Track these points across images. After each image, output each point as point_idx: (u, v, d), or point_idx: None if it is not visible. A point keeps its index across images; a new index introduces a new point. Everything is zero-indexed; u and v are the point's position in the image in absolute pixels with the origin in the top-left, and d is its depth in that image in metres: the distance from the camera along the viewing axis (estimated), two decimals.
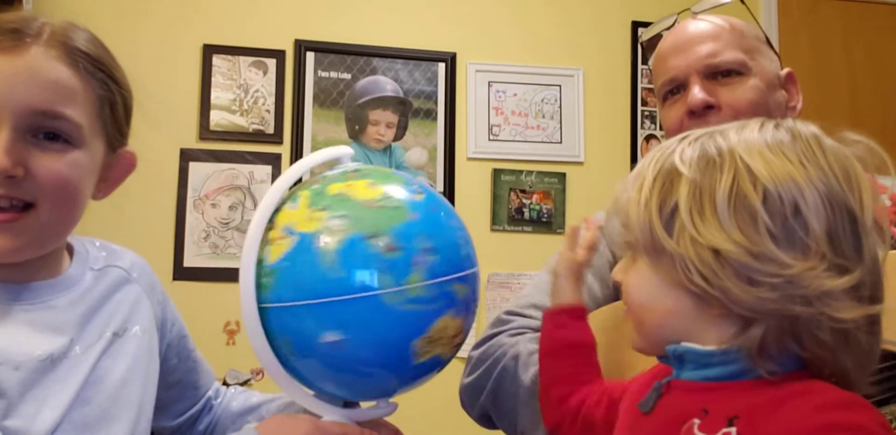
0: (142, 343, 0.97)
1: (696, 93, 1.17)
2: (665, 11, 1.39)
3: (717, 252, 0.68)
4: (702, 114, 1.17)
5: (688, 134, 0.77)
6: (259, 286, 0.85)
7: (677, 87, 1.22)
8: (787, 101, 1.24)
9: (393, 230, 0.84)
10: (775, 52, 1.27)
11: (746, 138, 0.72)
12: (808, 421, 0.64)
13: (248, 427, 0.91)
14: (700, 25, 1.23)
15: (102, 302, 0.95)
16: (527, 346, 1.12)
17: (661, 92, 1.26)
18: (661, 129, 3.15)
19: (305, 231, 0.85)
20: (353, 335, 0.83)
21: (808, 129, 0.73)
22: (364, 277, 0.82)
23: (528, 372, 1.08)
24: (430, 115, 3.00)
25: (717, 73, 1.19)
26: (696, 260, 0.69)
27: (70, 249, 0.97)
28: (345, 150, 0.98)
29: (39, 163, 0.84)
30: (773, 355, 0.69)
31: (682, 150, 0.74)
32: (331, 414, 0.90)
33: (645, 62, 3.12)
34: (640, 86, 3.16)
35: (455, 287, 0.87)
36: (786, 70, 1.26)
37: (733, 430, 0.67)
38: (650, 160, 0.76)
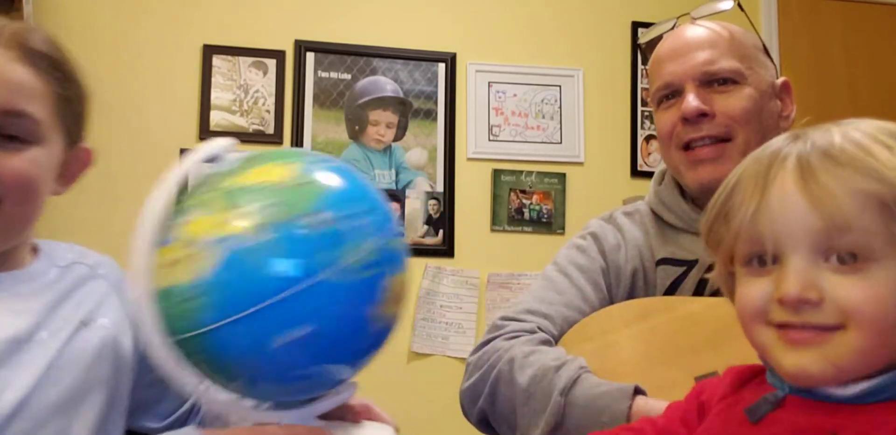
0: (109, 334, 0.98)
1: (691, 100, 1.18)
2: (665, 12, 1.39)
3: None
4: (695, 121, 1.18)
5: (835, 127, 0.70)
6: (175, 316, 0.75)
7: (672, 93, 1.23)
8: (780, 110, 1.24)
9: (321, 203, 0.77)
10: (772, 61, 1.27)
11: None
12: None
13: (189, 428, 0.91)
14: (698, 31, 1.23)
15: (68, 294, 0.97)
16: (521, 348, 1.11)
17: (655, 96, 1.27)
18: None
19: (227, 234, 0.75)
20: (315, 326, 0.75)
21: None
22: (308, 261, 0.74)
23: (524, 374, 1.08)
24: (430, 115, 3.00)
25: (713, 81, 1.19)
26: None
27: (36, 250, 1.00)
28: (224, 142, 0.85)
29: (0, 162, 0.87)
30: None
31: (871, 142, 0.67)
32: (290, 418, 0.84)
33: (645, 63, 3.12)
34: (640, 86, 3.15)
35: (395, 243, 0.81)
36: (781, 79, 1.26)
37: None
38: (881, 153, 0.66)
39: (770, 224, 0.67)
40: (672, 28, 1.29)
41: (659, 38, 1.31)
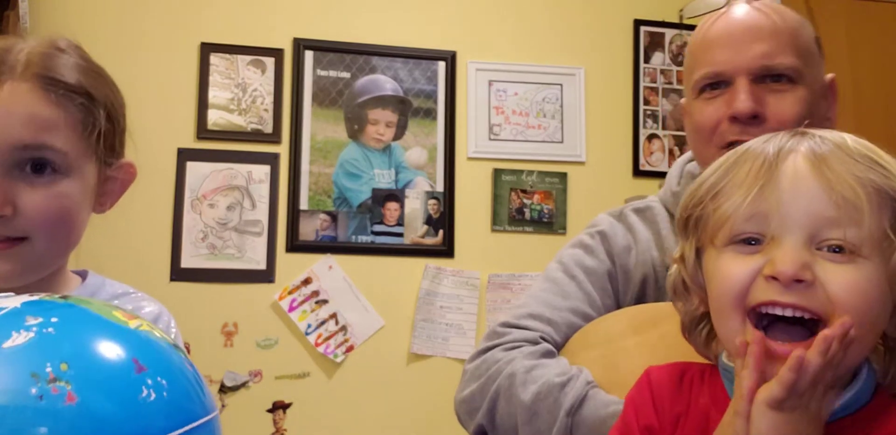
0: None
1: (744, 99, 1.07)
2: (667, 10, 1.36)
3: None
4: (745, 122, 1.07)
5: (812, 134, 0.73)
6: None
7: (719, 83, 1.11)
8: (825, 111, 1.15)
9: None
10: (822, 55, 1.17)
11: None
12: None
13: None
14: (757, 17, 1.11)
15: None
16: (523, 362, 1.05)
17: (698, 83, 1.13)
18: (663, 128, 3.13)
19: None
20: None
21: None
22: None
23: (527, 391, 1.02)
24: (429, 114, 2.98)
25: (768, 77, 1.09)
26: None
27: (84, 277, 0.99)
28: None
29: (28, 198, 0.85)
30: None
31: (875, 147, 0.72)
32: None
33: (647, 61, 3.10)
34: (641, 85, 3.13)
35: None
36: (829, 76, 1.16)
37: None
38: (862, 156, 0.71)
39: (778, 203, 0.68)
40: (725, 6, 1.16)
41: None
